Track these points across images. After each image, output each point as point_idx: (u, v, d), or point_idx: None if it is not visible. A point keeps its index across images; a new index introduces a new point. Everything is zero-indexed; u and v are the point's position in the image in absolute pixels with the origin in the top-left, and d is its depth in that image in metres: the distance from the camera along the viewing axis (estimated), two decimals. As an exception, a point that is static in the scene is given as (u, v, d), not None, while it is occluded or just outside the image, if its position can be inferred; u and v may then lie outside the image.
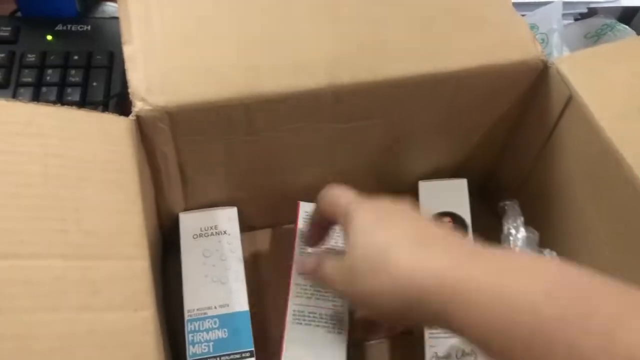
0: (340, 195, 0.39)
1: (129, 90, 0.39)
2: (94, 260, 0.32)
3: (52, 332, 0.28)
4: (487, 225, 0.49)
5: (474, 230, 0.49)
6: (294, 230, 0.48)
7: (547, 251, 0.45)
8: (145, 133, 0.40)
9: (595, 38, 0.65)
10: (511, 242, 0.44)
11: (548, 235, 0.47)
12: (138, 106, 0.39)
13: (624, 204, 0.40)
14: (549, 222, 0.48)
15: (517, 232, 0.45)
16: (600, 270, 0.28)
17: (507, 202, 0.47)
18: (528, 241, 0.45)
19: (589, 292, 0.27)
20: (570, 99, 0.43)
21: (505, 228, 0.46)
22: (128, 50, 0.40)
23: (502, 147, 0.53)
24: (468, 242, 0.36)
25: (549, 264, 0.30)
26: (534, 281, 0.28)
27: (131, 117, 0.39)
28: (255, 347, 0.42)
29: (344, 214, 0.37)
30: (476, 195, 0.52)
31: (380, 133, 0.47)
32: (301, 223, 0.48)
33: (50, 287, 0.30)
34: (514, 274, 0.29)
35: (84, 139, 0.36)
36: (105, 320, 0.30)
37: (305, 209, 0.49)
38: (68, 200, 0.33)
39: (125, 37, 0.40)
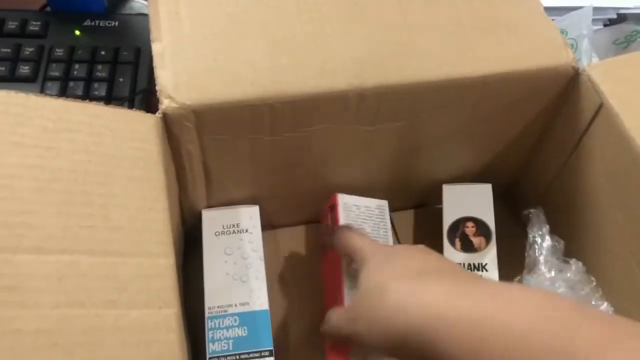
0: (356, 241, 0.40)
1: (157, 87, 0.39)
2: (120, 257, 0.32)
3: (76, 327, 0.29)
4: (510, 232, 0.49)
5: (498, 237, 0.49)
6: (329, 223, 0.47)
7: (572, 261, 0.44)
8: (171, 130, 0.40)
9: (624, 44, 0.64)
10: (536, 250, 0.44)
11: (573, 244, 0.46)
12: (165, 104, 0.39)
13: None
14: (575, 231, 0.48)
15: (543, 240, 0.44)
16: (626, 281, 0.28)
17: (532, 210, 0.47)
18: (553, 250, 0.44)
19: (574, 321, 0.27)
20: (600, 107, 0.42)
21: (530, 236, 0.46)
22: (157, 48, 0.40)
23: (529, 153, 0.53)
24: (463, 275, 0.36)
25: (536, 295, 0.29)
26: (522, 313, 0.28)
27: (158, 114, 0.39)
28: (275, 346, 0.42)
29: (359, 260, 0.38)
30: (500, 201, 0.51)
31: (404, 136, 0.47)
32: (342, 215, 0.47)
33: (76, 282, 0.30)
34: (503, 305, 0.29)
35: (112, 136, 0.36)
36: (130, 317, 0.30)
37: (345, 201, 0.48)
38: (95, 196, 0.33)
39: (154, 34, 0.41)
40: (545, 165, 0.51)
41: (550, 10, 0.61)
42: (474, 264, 0.48)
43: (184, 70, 0.40)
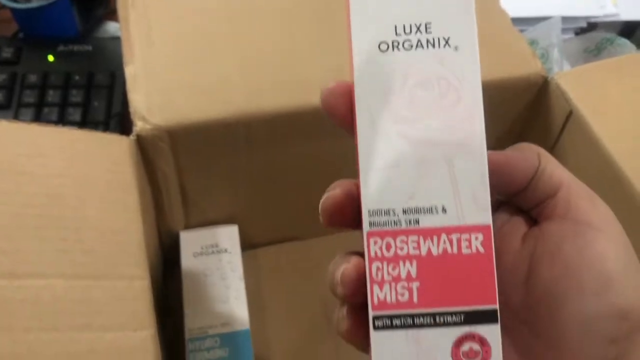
0: None
1: (130, 110, 0.39)
2: (95, 280, 0.32)
3: (52, 351, 0.28)
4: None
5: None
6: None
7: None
8: (146, 153, 0.40)
9: (595, 52, 0.65)
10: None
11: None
12: (139, 126, 0.39)
13: (625, 219, 0.40)
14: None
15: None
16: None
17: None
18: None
19: None
20: (570, 114, 0.43)
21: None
22: (129, 70, 0.40)
23: (503, 163, 0.53)
24: None
25: None
26: None
27: (132, 136, 0.39)
28: (257, 366, 0.42)
29: None
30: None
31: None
32: None
33: (51, 306, 0.30)
34: None
35: (85, 159, 0.36)
36: (105, 340, 0.30)
37: None
38: (69, 220, 0.33)
39: (126, 57, 0.41)
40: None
41: (520, 21, 0.62)
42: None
43: (157, 91, 0.40)
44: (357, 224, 0.22)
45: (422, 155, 0.21)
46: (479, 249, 0.20)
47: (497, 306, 0.20)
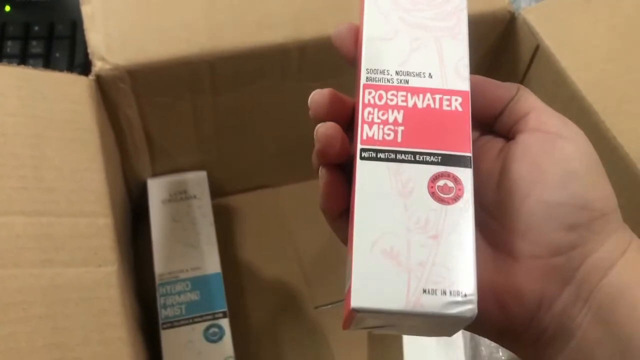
0: None
1: (89, 50, 0.38)
2: (55, 217, 0.31)
3: (11, 286, 0.28)
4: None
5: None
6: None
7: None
8: (107, 94, 0.39)
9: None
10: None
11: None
12: (98, 66, 0.38)
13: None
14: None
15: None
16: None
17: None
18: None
19: None
20: (537, 49, 0.42)
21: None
22: (86, 10, 0.39)
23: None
24: None
25: None
26: None
27: (91, 76, 0.38)
28: (229, 309, 0.42)
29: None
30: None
31: (349, 92, 0.47)
32: None
33: (11, 243, 0.29)
34: None
35: (42, 98, 0.35)
36: (67, 276, 0.29)
37: None
38: (27, 158, 0.32)
39: (82, -4, 0.39)
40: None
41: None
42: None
43: (116, 31, 0.39)
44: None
45: (415, 34, 0.25)
46: (458, 108, 0.23)
47: (471, 154, 0.22)
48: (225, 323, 0.41)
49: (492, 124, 0.26)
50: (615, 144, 0.37)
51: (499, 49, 0.46)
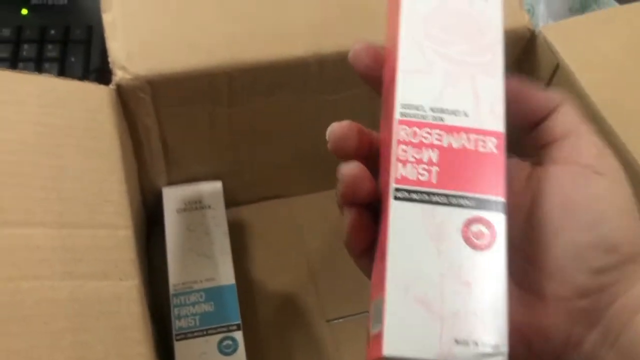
0: None
1: (109, 59, 0.38)
2: (75, 228, 0.31)
3: (31, 299, 0.27)
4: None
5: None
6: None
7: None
8: (126, 104, 0.39)
9: (580, 11, 0.65)
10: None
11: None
12: (118, 75, 0.37)
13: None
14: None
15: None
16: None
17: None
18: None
19: None
20: (557, 67, 0.42)
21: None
22: (107, 18, 0.39)
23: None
24: None
25: None
26: None
27: (111, 86, 0.38)
28: (242, 321, 0.42)
29: None
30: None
31: (367, 104, 0.46)
32: None
33: (30, 255, 0.29)
34: None
35: (62, 108, 0.35)
36: (87, 289, 0.29)
37: None
38: (47, 168, 0.32)
39: (104, 4, 0.39)
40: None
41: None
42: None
43: (137, 40, 0.38)
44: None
45: (449, 69, 0.24)
46: (493, 150, 0.23)
47: (505, 199, 0.22)
48: (239, 336, 0.40)
49: (522, 135, 0.26)
50: (637, 169, 0.36)
51: (519, 67, 0.46)
